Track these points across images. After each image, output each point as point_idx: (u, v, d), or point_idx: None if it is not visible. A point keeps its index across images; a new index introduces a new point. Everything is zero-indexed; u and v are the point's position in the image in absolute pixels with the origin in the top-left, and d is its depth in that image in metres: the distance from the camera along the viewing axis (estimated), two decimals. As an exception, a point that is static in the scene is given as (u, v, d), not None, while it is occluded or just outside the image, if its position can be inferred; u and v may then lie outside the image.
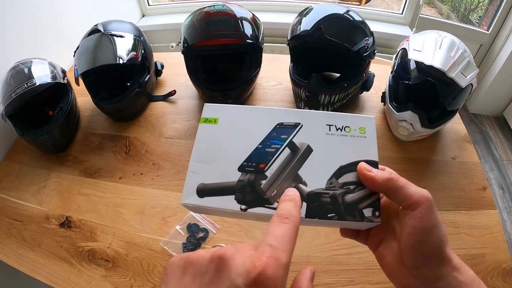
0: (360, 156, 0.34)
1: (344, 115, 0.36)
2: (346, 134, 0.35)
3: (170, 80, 1.15)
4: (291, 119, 0.36)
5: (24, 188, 0.90)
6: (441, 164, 0.87)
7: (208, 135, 0.36)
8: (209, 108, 0.38)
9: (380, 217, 0.31)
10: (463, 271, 0.30)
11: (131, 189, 0.85)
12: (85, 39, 0.93)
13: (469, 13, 2.44)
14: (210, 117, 0.37)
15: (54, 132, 0.91)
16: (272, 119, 0.36)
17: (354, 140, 0.35)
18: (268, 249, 0.23)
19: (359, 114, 0.37)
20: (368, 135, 0.35)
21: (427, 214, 0.29)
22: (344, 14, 0.85)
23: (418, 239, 0.29)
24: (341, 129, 0.35)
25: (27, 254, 0.77)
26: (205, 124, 0.37)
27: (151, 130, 0.99)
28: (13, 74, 0.88)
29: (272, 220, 0.26)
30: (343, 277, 0.68)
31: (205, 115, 0.37)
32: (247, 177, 0.33)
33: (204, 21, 0.86)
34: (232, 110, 0.37)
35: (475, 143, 2.01)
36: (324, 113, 0.36)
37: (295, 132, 0.35)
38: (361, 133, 0.35)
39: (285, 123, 0.36)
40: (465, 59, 0.78)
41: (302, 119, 0.36)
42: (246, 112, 0.37)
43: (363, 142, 0.35)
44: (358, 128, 0.36)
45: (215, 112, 0.37)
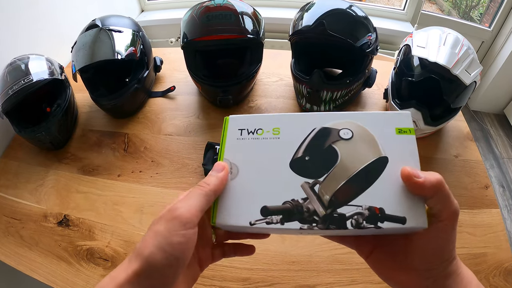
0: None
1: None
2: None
3: (169, 76, 1.13)
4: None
5: (21, 186, 0.89)
6: (443, 162, 0.86)
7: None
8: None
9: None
10: (460, 265, 0.31)
11: (130, 186, 0.84)
12: (82, 35, 0.91)
13: (470, 10, 2.43)
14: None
15: (52, 129, 0.90)
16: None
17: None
18: (175, 202, 0.30)
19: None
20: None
21: (454, 226, 0.29)
22: (346, 9, 0.83)
23: (440, 247, 0.29)
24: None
25: (25, 253, 0.76)
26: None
27: (150, 127, 0.98)
28: (10, 70, 0.87)
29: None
30: (345, 277, 0.67)
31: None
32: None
33: (204, 15, 0.85)
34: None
35: (476, 141, 2.01)
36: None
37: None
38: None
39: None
40: (469, 56, 0.77)
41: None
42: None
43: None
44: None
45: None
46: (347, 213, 0.30)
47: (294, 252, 0.71)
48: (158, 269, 0.27)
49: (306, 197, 0.32)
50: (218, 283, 0.67)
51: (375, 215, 0.30)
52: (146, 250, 0.28)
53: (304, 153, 0.34)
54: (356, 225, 0.30)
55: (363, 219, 0.30)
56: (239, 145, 0.35)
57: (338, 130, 0.34)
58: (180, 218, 0.28)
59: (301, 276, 0.67)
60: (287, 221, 0.31)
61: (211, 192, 0.31)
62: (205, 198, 0.30)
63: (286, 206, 0.31)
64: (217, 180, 0.32)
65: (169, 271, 0.28)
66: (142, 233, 0.75)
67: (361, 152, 0.33)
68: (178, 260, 0.28)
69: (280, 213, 0.31)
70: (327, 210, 0.31)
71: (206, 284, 0.67)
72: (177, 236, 0.28)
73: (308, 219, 0.31)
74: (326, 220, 0.31)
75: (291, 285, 0.66)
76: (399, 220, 0.30)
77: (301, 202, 0.31)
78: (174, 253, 0.27)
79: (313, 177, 0.32)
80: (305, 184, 0.32)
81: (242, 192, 0.33)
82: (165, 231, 0.28)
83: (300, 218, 0.31)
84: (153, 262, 0.27)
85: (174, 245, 0.27)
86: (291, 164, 0.33)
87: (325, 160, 0.33)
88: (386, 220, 0.30)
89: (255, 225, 0.31)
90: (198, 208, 0.29)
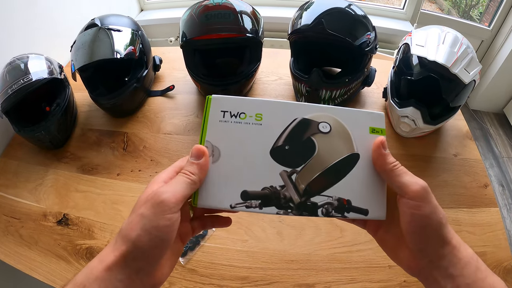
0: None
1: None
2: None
3: (168, 75, 1.13)
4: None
5: (21, 185, 0.89)
6: (442, 161, 0.86)
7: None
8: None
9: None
10: (461, 249, 0.32)
11: (129, 185, 0.84)
12: (82, 34, 0.91)
13: (470, 9, 2.42)
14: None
15: (51, 128, 0.90)
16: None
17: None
18: (160, 186, 0.32)
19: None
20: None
21: (424, 201, 0.31)
22: (345, 8, 0.83)
23: (419, 225, 0.31)
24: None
25: (24, 252, 0.76)
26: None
27: (149, 126, 0.98)
28: (9, 69, 0.87)
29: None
30: (344, 275, 0.67)
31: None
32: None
33: (203, 14, 0.85)
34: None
35: (476, 140, 2.01)
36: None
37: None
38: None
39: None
40: (468, 55, 0.77)
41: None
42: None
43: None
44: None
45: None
46: (319, 202, 0.34)
47: (293, 251, 0.71)
48: (145, 250, 0.29)
49: (284, 185, 0.34)
50: (217, 281, 0.67)
51: (343, 206, 0.34)
52: (133, 233, 0.29)
53: (285, 142, 0.35)
54: (326, 213, 0.34)
55: (332, 209, 0.34)
56: (222, 128, 0.36)
57: (317, 122, 0.36)
58: (166, 203, 0.30)
59: (300, 274, 0.68)
60: (265, 206, 0.34)
61: (197, 182, 0.33)
62: (190, 187, 0.32)
63: (265, 192, 0.34)
64: (200, 170, 0.33)
65: (155, 251, 0.30)
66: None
67: (336, 147, 0.36)
68: (163, 241, 0.30)
69: (259, 198, 0.34)
70: (302, 198, 0.34)
71: (205, 282, 0.67)
72: (163, 220, 0.29)
73: (284, 205, 0.34)
74: (300, 208, 0.34)
75: (290, 283, 0.66)
76: (362, 211, 0.34)
77: (279, 189, 0.34)
78: (159, 235, 0.29)
79: (291, 166, 0.35)
80: (283, 172, 0.34)
81: (224, 176, 0.34)
82: (152, 215, 0.29)
83: (277, 204, 0.34)
84: (139, 244, 0.29)
85: (160, 228, 0.29)
86: (272, 152, 0.35)
87: (303, 151, 0.35)
88: (352, 211, 0.34)
89: (235, 208, 0.34)
90: (183, 194, 0.31)
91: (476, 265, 0.31)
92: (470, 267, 0.31)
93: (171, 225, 0.30)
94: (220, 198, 0.34)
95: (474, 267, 0.31)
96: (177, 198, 0.30)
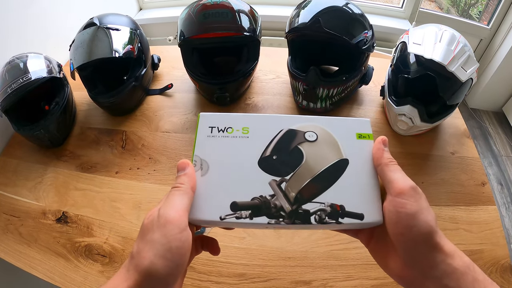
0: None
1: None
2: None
3: (167, 74, 1.14)
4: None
5: (20, 184, 0.89)
6: (440, 159, 0.86)
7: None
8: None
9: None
10: (456, 257, 0.29)
11: (128, 183, 0.85)
12: (80, 33, 0.91)
13: (469, 8, 2.42)
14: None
15: (51, 127, 0.90)
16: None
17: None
18: (159, 208, 0.31)
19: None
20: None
21: (410, 200, 0.30)
22: (343, 6, 0.84)
23: (405, 225, 0.29)
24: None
25: (24, 250, 0.76)
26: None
27: (147, 124, 0.98)
28: (9, 68, 0.87)
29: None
30: (341, 273, 0.68)
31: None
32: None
33: (201, 13, 0.85)
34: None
35: (474, 139, 2.01)
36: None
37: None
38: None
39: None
40: (465, 53, 0.77)
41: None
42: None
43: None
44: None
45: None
46: (311, 209, 0.33)
47: (290, 248, 0.71)
48: (160, 279, 0.27)
49: (274, 194, 0.34)
50: (215, 278, 0.67)
51: (336, 212, 0.33)
52: (145, 261, 0.27)
53: (272, 152, 0.36)
54: (319, 220, 0.33)
55: (326, 215, 0.33)
56: (210, 142, 0.37)
57: (303, 132, 0.37)
58: (173, 222, 0.28)
59: (297, 272, 0.68)
60: (256, 216, 0.33)
61: (189, 190, 0.32)
62: (186, 196, 0.31)
63: (255, 202, 0.34)
64: (189, 177, 0.33)
65: (169, 279, 0.28)
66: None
67: (324, 154, 0.36)
68: (178, 267, 0.28)
69: (249, 209, 0.33)
70: (293, 206, 0.34)
71: (203, 279, 0.67)
72: (175, 241, 0.28)
73: (275, 214, 0.33)
74: (292, 216, 0.33)
75: (287, 281, 0.67)
76: (357, 216, 0.33)
77: (269, 199, 0.34)
78: (174, 259, 0.28)
79: (280, 175, 0.35)
80: (272, 181, 0.35)
81: (212, 188, 0.34)
82: (162, 238, 0.28)
83: (267, 213, 0.33)
84: (154, 273, 0.27)
85: (173, 251, 0.27)
86: (259, 163, 0.35)
87: (291, 160, 0.36)
88: (346, 216, 0.33)
89: (225, 220, 0.33)
90: (184, 207, 0.30)
91: (473, 275, 0.29)
92: (467, 278, 0.28)
93: (183, 246, 0.28)
94: (209, 210, 0.33)
95: (471, 278, 0.29)
96: (181, 214, 0.29)
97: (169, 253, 0.27)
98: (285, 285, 0.66)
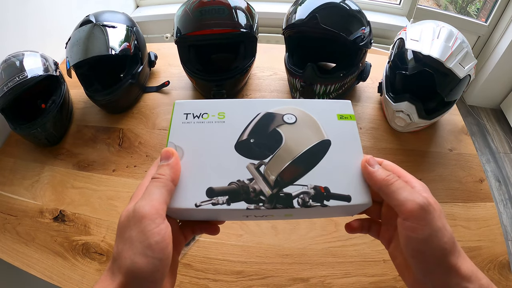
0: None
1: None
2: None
3: (163, 71, 1.13)
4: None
5: (17, 183, 0.89)
6: (438, 156, 0.86)
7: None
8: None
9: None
10: (474, 280, 0.27)
11: (125, 181, 0.85)
12: (76, 30, 0.91)
13: (467, 5, 2.42)
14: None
15: (47, 125, 0.90)
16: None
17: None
18: (135, 202, 0.29)
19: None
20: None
21: (421, 224, 0.27)
22: (340, 3, 0.83)
23: (416, 249, 0.28)
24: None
25: (21, 249, 0.76)
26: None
27: (144, 122, 0.98)
28: (5, 67, 0.86)
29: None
30: (339, 270, 0.68)
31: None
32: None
33: (197, 10, 0.85)
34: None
35: (472, 135, 2.01)
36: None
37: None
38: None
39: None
40: (463, 50, 0.77)
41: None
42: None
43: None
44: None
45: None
46: (293, 192, 0.32)
47: (288, 245, 0.71)
48: (145, 277, 0.26)
49: (252, 178, 0.32)
50: (212, 276, 0.67)
51: (321, 194, 0.32)
52: (127, 261, 0.26)
53: (249, 136, 0.35)
54: (303, 203, 0.31)
55: (309, 198, 0.31)
56: (184, 128, 0.35)
57: (282, 115, 0.36)
58: (149, 216, 0.27)
59: (294, 269, 0.68)
60: (233, 202, 0.31)
61: (169, 182, 0.30)
62: (165, 189, 0.30)
63: (232, 187, 0.32)
64: (171, 169, 0.31)
65: (156, 275, 0.27)
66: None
67: (304, 135, 0.35)
68: (161, 262, 0.27)
69: (226, 194, 0.31)
70: (273, 189, 0.32)
71: (200, 277, 0.67)
72: (154, 236, 0.27)
73: (255, 199, 0.31)
74: (272, 200, 0.31)
75: (284, 278, 0.67)
76: (344, 198, 0.32)
77: (247, 183, 0.32)
78: (155, 255, 0.26)
79: (259, 158, 0.33)
80: (250, 165, 0.33)
81: (187, 175, 0.32)
82: (140, 234, 0.27)
83: (246, 198, 0.31)
84: (137, 272, 0.26)
85: (153, 247, 0.26)
86: (236, 146, 0.34)
87: (270, 143, 0.34)
88: (332, 198, 0.32)
89: (201, 207, 0.31)
90: (161, 200, 0.29)
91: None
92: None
93: (163, 239, 0.27)
94: (184, 198, 0.31)
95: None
96: (157, 207, 0.28)
97: (149, 250, 0.26)
98: (282, 282, 0.66)
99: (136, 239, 0.27)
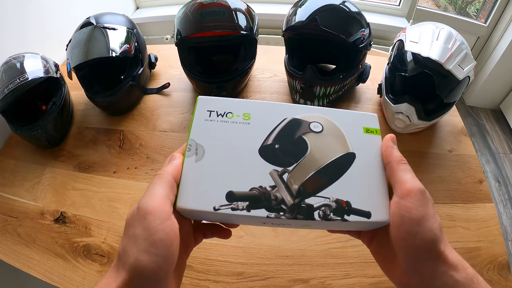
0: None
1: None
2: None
3: (164, 73, 1.13)
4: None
5: (18, 184, 0.89)
6: (437, 157, 0.86)
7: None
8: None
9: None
10: (460, 269, 0.28)
11: (126, 183, 0.85)
12: (77, 32, 0.91)
13: (466, 6, 2.42)
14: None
15: (48, 127, 0.90)
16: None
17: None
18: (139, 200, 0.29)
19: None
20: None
21: (416, 204, 0.28)
22: (340, 4, 0.83)
23: (408, 230, 0.28)
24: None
25: (22, 251, 0.76)
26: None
27: (145, 124, 0.98)
28: (5, 69, 0.87)
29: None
30: (339, 271, 0.68)
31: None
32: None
33: (198, 12, 0.85)
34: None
35: (472, 136, 2.01)
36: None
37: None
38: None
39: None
40: (462, 51, 0.77)
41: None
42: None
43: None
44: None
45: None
46: (315, 204, 0.31)
47: (288, 247, 0.71)
48: (149, 275, 0.26)
49: (274, 185, 0.31)
50: (213, 277, 0.68)
51: (342, 208, 0.31)
52: (130, 258, 0.26)
53: (274, 141, 0.33)
54: (324, 216, 0.30)
55: (330, 211, 0.30)
56: (207, 126, 0.34)
57: (308, 122, 0.35)
58: (153, 213, 0.27)
59: (295, 270, 0.68)
60: (254, 208, 0.30)
61: (169, 177, 0.30)
62: (167, 184, 0.29)
63: (253, 193, 0.31)
64: (173, 167, 0.31)
65: (160, 274, 0.26)
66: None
67: (330, 146, 0.34)
68: (166, 260, 0.26)
69: (247, 200, 0.30)
70: (295, 199, 0.31)
71: (201, 278, 0.68)
72: (158, 233, 0.26)
73: (276, 207, 0.30)
74: (294, 210, 0.30)
75: (285, 279, 0.67)
76: (364, 214, 0.31)
77: (269, 190, 0.31)
78: (159, 252, 0.26)
79: (282, 165, 0.32)
80: (273, 171, 0.32)
81: (207, 175, 0.31)
82: (144, 231, 0.26)
83: (267, 206, 0.30)
84: (141, 269, 0.26)
85: (157, 244, 0.26)
86: (260, 151, 0.33)
87: (295, 150, 0.33)
88: (352, 213, 0.31)
89: (219, 211, 0.30)
90: (163, 195, 0.28)
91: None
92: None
93: (168, 237, 0.26)
94: (202, 199, 0.30)
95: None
96: (160, 202, 0.28)
97: (153, 247, 0.26)
98: (283, 283, 0.66)
99: (140, 236, 0.26)
